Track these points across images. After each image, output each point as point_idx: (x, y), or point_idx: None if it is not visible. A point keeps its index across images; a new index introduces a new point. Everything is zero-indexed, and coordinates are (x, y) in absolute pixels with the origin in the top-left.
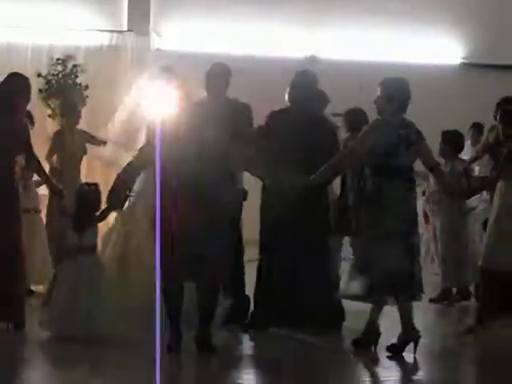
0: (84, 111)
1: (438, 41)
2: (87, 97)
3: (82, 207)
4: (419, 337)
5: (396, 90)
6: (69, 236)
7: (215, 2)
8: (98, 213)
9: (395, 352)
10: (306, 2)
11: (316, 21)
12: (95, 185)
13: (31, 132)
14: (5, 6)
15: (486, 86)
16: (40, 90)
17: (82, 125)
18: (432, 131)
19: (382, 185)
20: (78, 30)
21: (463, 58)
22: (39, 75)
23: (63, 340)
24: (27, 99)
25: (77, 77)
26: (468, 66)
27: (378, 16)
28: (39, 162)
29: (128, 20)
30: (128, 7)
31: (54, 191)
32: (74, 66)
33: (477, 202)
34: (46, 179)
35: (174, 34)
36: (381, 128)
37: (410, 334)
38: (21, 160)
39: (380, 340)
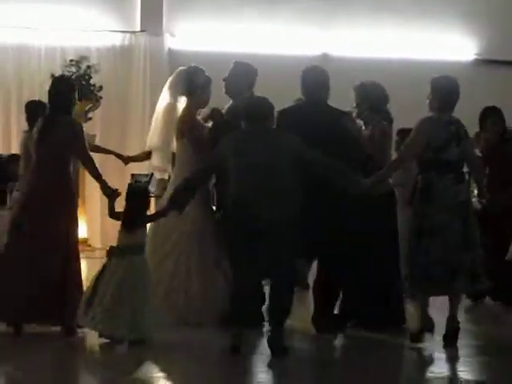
0: (98, 111)
1: (451, 37)
2: (101, 97)
3: (133, 205)
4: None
5: (439, 88)
6: (119, 234)
7: (227, 2)
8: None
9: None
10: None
11: (327, 19)
12: (145, 183)
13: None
14: (17, 8)
15: (499, 82)
16: None
17: (96, 125)
18: None
19: (432, 180)
20: (91, 31)
21: (476, 55)
22: (53, 77)
23: (110, 340)
24: (74, 101)
25: (90, 78)
26: (481, 63)
27: (391, 13)
28: (93, 162)
29: (141, 20)
30: (141, 8)
31: (105, 193)
32: (88, 66)
33: None
34: (100, 181)
35: (188, 33)
36: (431, 124)
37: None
38: None
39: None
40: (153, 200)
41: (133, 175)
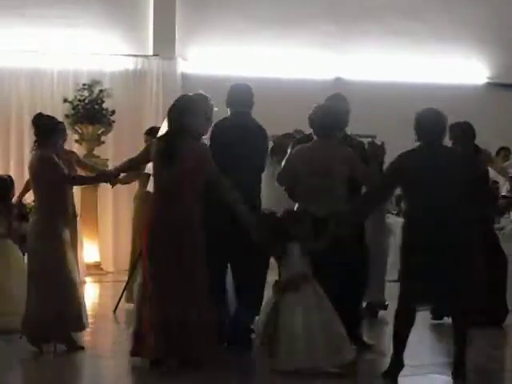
0: (111, 135)
1: (463, 61)
2: (114, 121)
3: (274, 232)
4: None
5: None
6: (281, 266)
7: (240, 26)
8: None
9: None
10: (330, 24)
11: (340, 43)
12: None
13: None
14: (30, 31)
15: (511, 105)
16: (66, 116)
17: (109, 149)
18: None
19: None
20: (104, 55)
21: (488, 78)
22: (65, 100)
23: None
24: (203, 121)
25: (103, 102)
26: (493, 86)
27: (404, 37)
28: (229, 187)
29: (154, 44)
30: (153, 32)
31: (248, 222)
32: (101, 91)
33: (504, 222)
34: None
35: (200, 57)
36: None
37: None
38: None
39: None
40: None
41: None
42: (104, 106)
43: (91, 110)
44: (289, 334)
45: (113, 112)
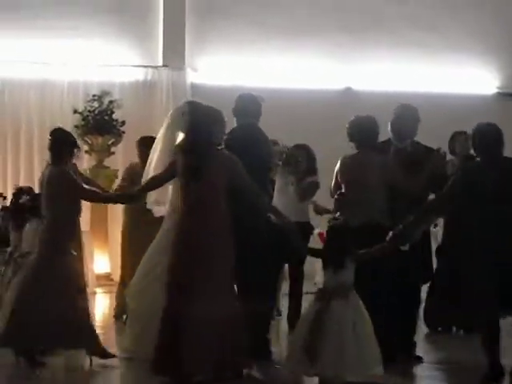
0: (120, 146)
1: (473, 71)
2: (124, 132)
3: (335, 242)
4: None
5: None
6: (326, 274)
7: (249, 37)
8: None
9: None
10: (340, 34)
11: (350, 53)
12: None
13: None
14: (40, 43)
15: None
16: (76, 127)
17: (119, 159)
18: None
19: None
20: (114, 66)
21: (498, 88)
22: (75, 112)
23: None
24: (223, 132)
25: (113, 113)
26: (503, 96)
27: (414, 47)
28: (263, 196)
29: (163, 55)
30: (163, 42)
31: (285, 224)
32: (110, 101)
33: None
34: (278, 215)
35: (210, 68)
36: None
37: None
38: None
39: None
40: None
41: None
42: (114, 116)
43: (101, 120)
44: (337, 342)
45: (123, 123)
